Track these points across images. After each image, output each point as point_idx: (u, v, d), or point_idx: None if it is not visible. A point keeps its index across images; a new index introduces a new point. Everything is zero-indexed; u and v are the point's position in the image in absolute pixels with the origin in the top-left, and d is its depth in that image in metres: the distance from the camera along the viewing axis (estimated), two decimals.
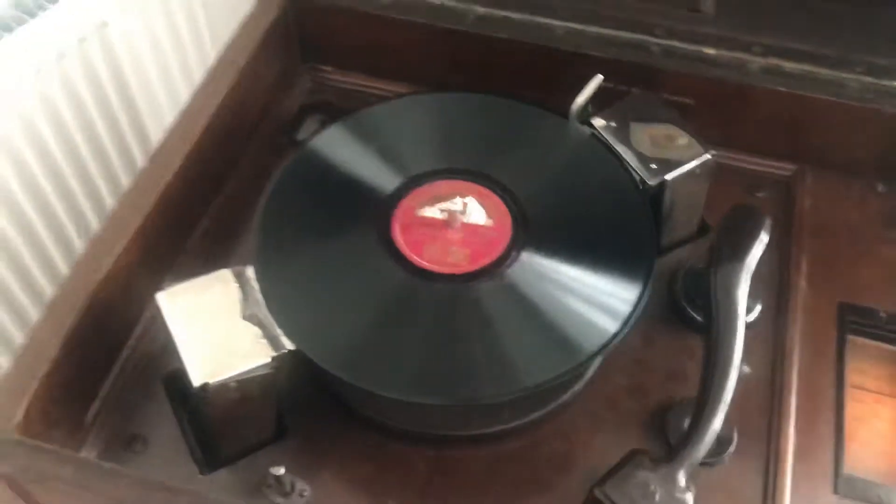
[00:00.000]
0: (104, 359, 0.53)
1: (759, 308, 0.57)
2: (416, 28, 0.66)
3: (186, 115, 0.59)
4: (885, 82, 0.60)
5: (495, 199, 0.53)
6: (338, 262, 0.51)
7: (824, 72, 0.61)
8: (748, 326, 0.55)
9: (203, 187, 0.60)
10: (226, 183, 0.63)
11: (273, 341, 0.46)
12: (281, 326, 0.47)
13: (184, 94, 0.81)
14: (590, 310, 0.49)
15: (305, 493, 0.49)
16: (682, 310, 0.56)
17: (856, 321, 0.56)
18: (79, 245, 0.76)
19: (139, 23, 0.76)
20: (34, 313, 0.72)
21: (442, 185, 0.53)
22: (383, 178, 0.54)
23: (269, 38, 0.65)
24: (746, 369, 0.55)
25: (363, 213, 0.52)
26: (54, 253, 0.74)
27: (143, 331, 0.55)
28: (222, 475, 0.50)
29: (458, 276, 0.50)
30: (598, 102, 0.58)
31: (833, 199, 0.62)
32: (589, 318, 0.49)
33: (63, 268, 0.75)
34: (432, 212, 0.52)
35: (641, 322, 0.50)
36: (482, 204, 0.53)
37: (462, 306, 0.49)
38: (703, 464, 0.50)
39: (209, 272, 0.49)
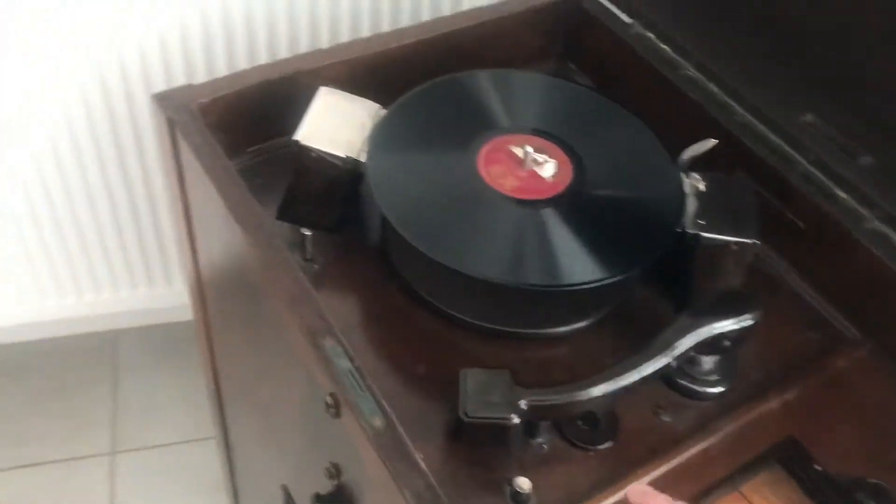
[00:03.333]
0: (276, 128, 0.74)
1: (721, 389, 0.62)
2: (643, 66, 0.78)
3: (439, 20, 0.78)
4: None
5: (569, 171, 0.65)
6: (433, 145, 0.67)
7: None
8: (707, 397, 0.62)
9: (418, 70, 0.79)
10: None
11: (353, 151, 0.64)
12: (370, 145, 0.64)
13: None
14: (568, 261, 0.61)
15: (315, 265, 0.67)
16: None
17: (791, 457, 0.59)
18: None
19: None
20: None
21: (542, 142, 0.67)
22: (505, 118, 0.69)
23: (538, 13, 0.82)
24: (667, 418, 0.60)
25: (476, 129, 0.68)
26: None
27: None
28: (284, 226, 0.68)
29: (497, 193, 0.63)
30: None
31: (869, 378, 0.64)
32: (565, 264, 0.60)
33: None
34: (518, 151, 0.66)
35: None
36: (557, 168, 0.65)
37: (488, 209, 0.63)
38: (575, 444, 0.58)
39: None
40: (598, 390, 0.55)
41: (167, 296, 1.32)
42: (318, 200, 0.67)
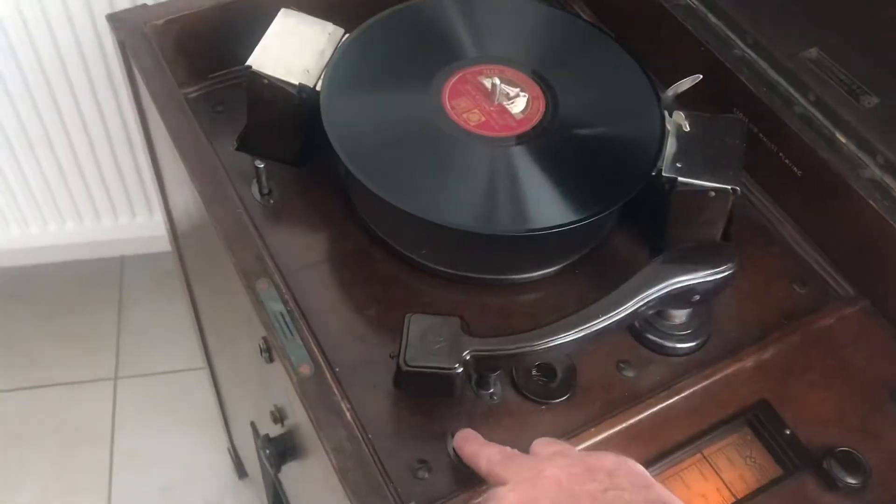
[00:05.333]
0: (241, 52, 0.69)
1: (691, 345, 0.58)
2: None
3: None
4: None
5: (541, 105, 0.60)
6: (394, 76, 0.62)
7: None
8: (676, 353, 0.58)
9: None
10: None
11: (309, 79, 0.60)
12: (324, 78, 0.60)
13: None
14: (533, 204, 0.57)
15: (272, 199, 0.63)
16: None
17: (761, 420, 0.55)
18: None
19: None
20: None
21: (516, 74, 0.62)
22: (476, 47, 0.64)
23: None
24: (630, 374, 0.57)
25: (443, 59, 0.63)
26: None
27: None
28: (242, 157, 0.65)
29: (459, 128, 0.59)
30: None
31: (858, 338, 0.59)
32: (530, 208, 0.56)
33: None
34: (488, 82, 0.61)
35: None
36: (528, 103, 0.60)
37: (449, 146, 0.59)
38: (529, 398, 0.55)
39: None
40: (549, 341, 0.51)
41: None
42: (276, 132, 0.63)
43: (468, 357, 0.51)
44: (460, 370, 0.50)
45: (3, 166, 1.16)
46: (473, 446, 0.47)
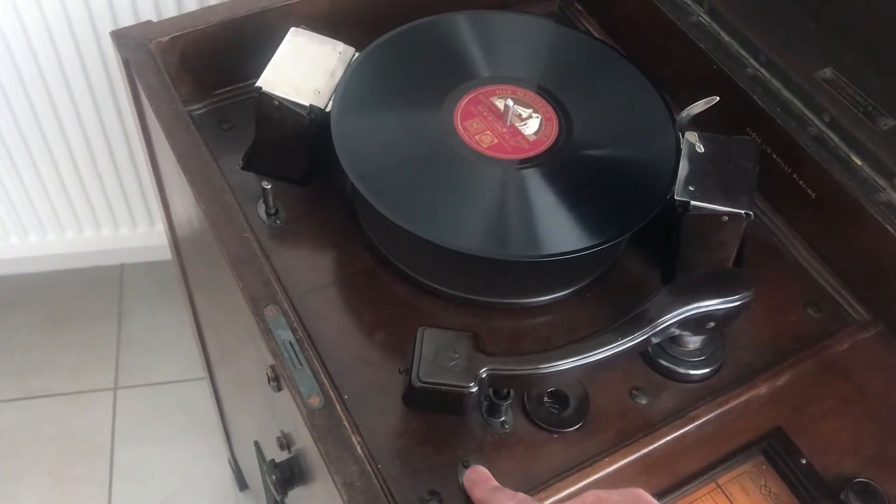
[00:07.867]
0: (248, 69, 0.68)
1: (705, 371, 0.57)
2: (651, 9, 0.71)
3: None
4: None
5: (554, 127, 0.59)
6: (405, 96, 0.61)
7: None
8: (690, 379, 0.57)
9: (409, 9, 0.72)
10: None
11: (319, 100, 0.59)
12: (335, 99, 0.59)
13: None
14: (545, 228, 0.56)
15: (279, 220, 0.62)
16: None
17: (776, 449, 0.54)
18: None
19: None
20: None
21: (529, 94, 0.61)
22: (488, 66, 0.63)
23: None
24: (643, 401, 0.56)
25: (455, 78, 0.62)
26: None
27: None
28: (248, 176, 0.64)
29: (471, 150, 0.58)
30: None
31: (874, 363, 0.58)
32: (542, 232, 0.55)
33: None
34: (501, 103, 0.60)
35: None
36: (541, 124, 0.59)
37: (460, 168, 0.57)
38: (541, 426, 0.54)
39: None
40: (566, 363, 0.50)
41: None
42: (284, 151, 0.62)
43: (484, 376, 0.50)
44: (475, 389, 0.49)
45: (2, 174, 1.15)
46: (485, 492, 0.45)
